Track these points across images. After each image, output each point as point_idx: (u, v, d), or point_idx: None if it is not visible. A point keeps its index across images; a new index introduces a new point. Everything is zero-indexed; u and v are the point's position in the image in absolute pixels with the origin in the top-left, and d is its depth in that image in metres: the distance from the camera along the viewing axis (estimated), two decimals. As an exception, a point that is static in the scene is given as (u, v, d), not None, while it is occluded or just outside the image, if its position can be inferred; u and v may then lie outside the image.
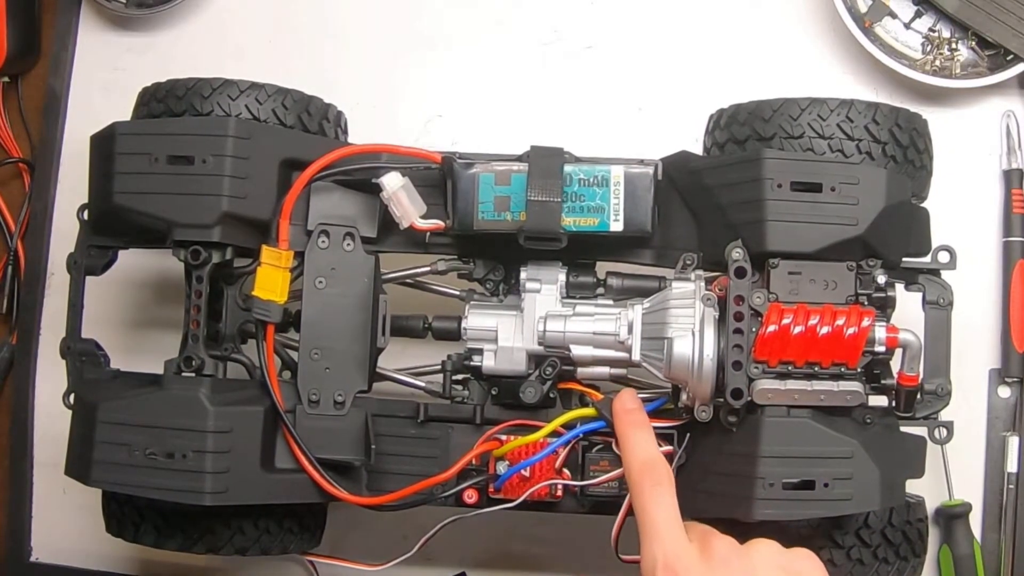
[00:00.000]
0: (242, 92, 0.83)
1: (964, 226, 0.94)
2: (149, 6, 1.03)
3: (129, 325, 1.02)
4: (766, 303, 0.74)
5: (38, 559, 1.02)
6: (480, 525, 0.81)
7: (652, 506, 0.64)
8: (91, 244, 0.86)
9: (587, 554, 0.93)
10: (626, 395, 0.74)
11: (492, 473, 0.78)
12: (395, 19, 1.04)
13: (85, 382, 0.85)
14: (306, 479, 0.79)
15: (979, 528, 0.94)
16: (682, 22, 1.02)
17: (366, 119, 0.97)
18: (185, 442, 0.76)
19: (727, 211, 0.77)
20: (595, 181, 0.79)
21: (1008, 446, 0.94)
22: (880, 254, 0.76)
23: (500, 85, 1.02)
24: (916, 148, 0.80)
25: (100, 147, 0.82)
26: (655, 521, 0.64)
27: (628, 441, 0.70)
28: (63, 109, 1.05)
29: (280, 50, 1.04)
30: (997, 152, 0.97)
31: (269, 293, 0.79)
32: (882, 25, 0.97)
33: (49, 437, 1.02)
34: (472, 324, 0.81)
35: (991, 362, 0.96)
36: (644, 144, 0.86)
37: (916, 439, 0.79)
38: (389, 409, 0.82)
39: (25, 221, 1.04)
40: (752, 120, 0.79)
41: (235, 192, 0.78)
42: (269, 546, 0.82)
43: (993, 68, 0.95)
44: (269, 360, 0.80)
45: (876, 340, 0.74)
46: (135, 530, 0.82)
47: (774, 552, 0.63)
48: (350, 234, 0.82)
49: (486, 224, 0.79)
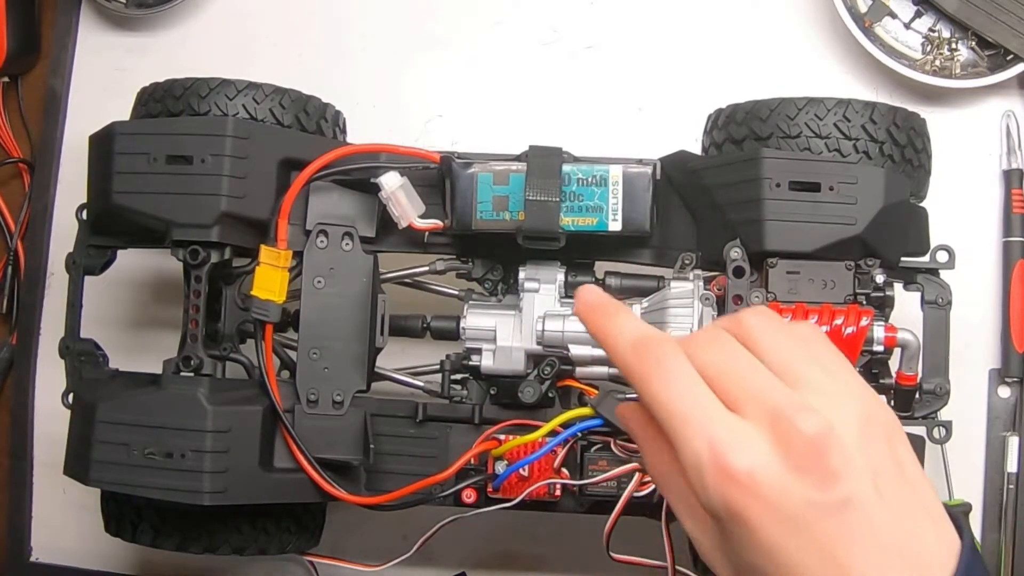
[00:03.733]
0: (239, 92, 0.83)
1: (964, 226, 0.94)
2: (149, 6, 1.03)
3: (128, 325, 1.02)
4: (764, 302, 0.74)
5: (38, 559, 1.02)
6: (479, 525, 0.81)
7: (668, 390, 0.48)
8: (90, 244, 0.86)
9: (586, 554, 0.93)
10: (584, 292, 0.55)
11: (491, 473, 0.78)
12: (395, 19, 1.04)
13: (84, 382, 0.85)
14: (305, 479, 0.79)
15: (979, 528, 0.94)
16: (682, 22, 1.01)
17: (366, 119, 0.97)
18: (184, 442, 0.76)
19: (725, 211, 0.77)
20: (594, 181, 0.79)
21: (1008, 446, 0.94)
22: (878, 253, 0.76)
23: (500, 85, 1.02)
24: (914, 147, 0.80)
25: (99, 147, 0.82)
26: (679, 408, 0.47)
27: (606, 333, 0.52)
28: (63, 109, 1.05)
29: (281, 50, 1.04)
30: (997, 152, 0.97)
31: (268, 293, 0.79)
32: (882, 25, 0.97)
33: (49, 437, 1.02)
34: (471, 324, 0.81)
35: (991, 362, 0.96)
36: (644, 144, 0.86)
37: (915, 439, 0.79)
38: (388, 409, 0.82)
39: (25, 221, 1.04)
40: (749, 120, 0.79)
41: (233, 192, 0.78)
42: (267, 546, 0.83)
43: (993, 68, 0.95)
44: (268, 360, 0.80)
45: (874, 339, 0.74)
46: (133, 530, 0.82)
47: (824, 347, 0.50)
48: (349, 234, 0.82)
49: (485, 224, 0.79)
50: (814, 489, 0.45)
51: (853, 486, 0.45)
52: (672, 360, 0.49)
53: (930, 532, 0.47)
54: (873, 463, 0.46)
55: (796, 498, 0.45)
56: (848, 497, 0.45)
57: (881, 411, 0.49)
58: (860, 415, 0.47)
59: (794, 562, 0.45)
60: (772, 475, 0.45)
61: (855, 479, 0.45)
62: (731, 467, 0.45)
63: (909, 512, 0.47)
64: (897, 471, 0.48)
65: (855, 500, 0.45)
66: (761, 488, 0.45)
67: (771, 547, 0.46)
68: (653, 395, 0.49)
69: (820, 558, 0.45)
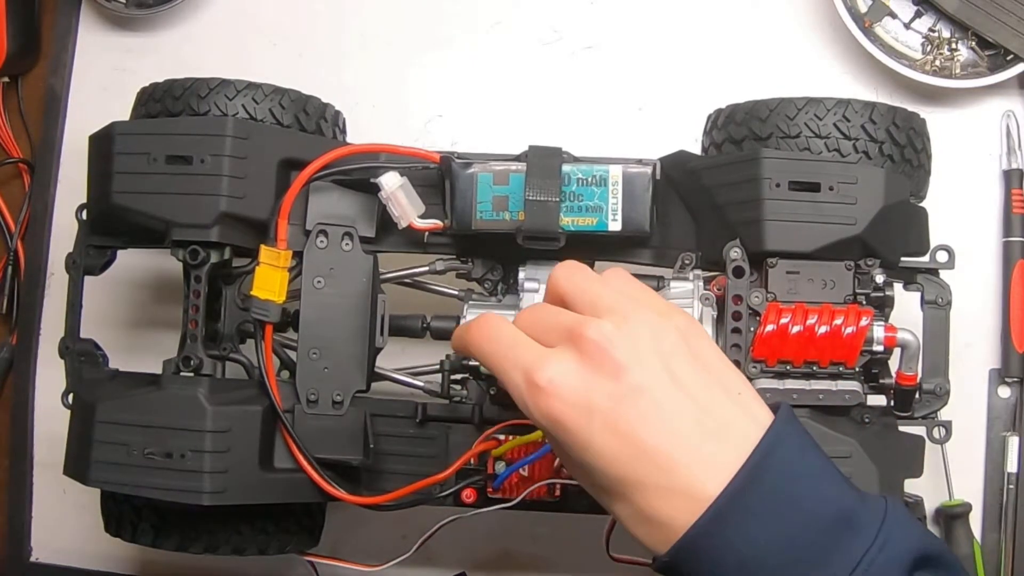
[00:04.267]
0: (239, 92, 0.83)
1: (964, 226, 0.94)
2: (149, 6, 1.03)
3: (128, 325, 1.02)
4: (764, 302, 0.74)
5: (38, 559, 1.02)
6: (479, 525, 0.81)
7: (491, 343, 0.58)
8: (90, 244, 0.86)
9: (586, 554, 0.93)
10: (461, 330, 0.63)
11: (491, 473, 0.78)
12: (395, 19, 1.04)
13: (84, 382, 0.85)
14: (305, 479, 0.79)
15: (979, 528, 0.94)
16: (682, 22, 1.01)
17: (366, 119, 0.97)
18: (183, 442, 0.76)
19: (725, 211, 0.77)
20: (593, 181, 0.79)
21: (1008, 446, 0.94)
22: (878, 253, 0.76)
23: (500, 85, 1.02)
24: (914, 147, 0.79)
25: (98, 147, 0.82)
26: (500, 353, 0.57)
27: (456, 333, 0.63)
28: (63, 109, 1.05)
29: (281, 50, 1.04)
30: (997, 152, 0.97)
31: (267, 293, 0.79)
32: (882, 25, 0.97)
33: (49, 437, 1.02)
34: (470, 324, 0.81)
35: (991, 362, 0.96)
36: (644, 144, 0.86)
37: (915, 439, 0.79)
38: (388, 409, 0.82)
39: (25, 221, 1.04)
40: (749, 120, 0.79)
41: (233, 192, 0.78)
42: (267, 546, 0.82)
43: (993, 68, 0.95)
44: (267, 360, 0.80)
45: (874, 339, 0.74)
46: (133, 530, 0.82)
47: (625, 281, 0.59)
48: (348, 234, 0.82)
49: (484, 224, 0.79)
50: (609, 381, 0.53)
51: (641, 375, 0.53)
52: (494, 322, 0.59)
53: (731, 409, 0.54)
54: (664, 353, 0.54)
55: (596, 393, 0.53)
56: (638, 384, 0.53)
57: (677, 317, 0.57)
58: (651, 321, 0.55)
59: (603, 448, 0.53)
60: (572, 378, 0.54)
61: (643, 367, 0.53)
62: (538, 381, 0.54)
63: (706, 392, 0.54)
64: (694, 361, 0.55)
65: (645, 386, 0.53)
66: (564, 391, 0.54)
67: (586, 440, 0.53)
68: (481, 353, 0.58)
69: (625, 441, 0.53)
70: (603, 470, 0.54)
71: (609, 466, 0.53)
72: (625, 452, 0.53)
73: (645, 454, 0.52)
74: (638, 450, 0.53)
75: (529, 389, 0.54)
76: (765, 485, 0.52)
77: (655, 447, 0.52)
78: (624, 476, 0.53)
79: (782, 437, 0.53)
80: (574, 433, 0.53)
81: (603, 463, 0.53)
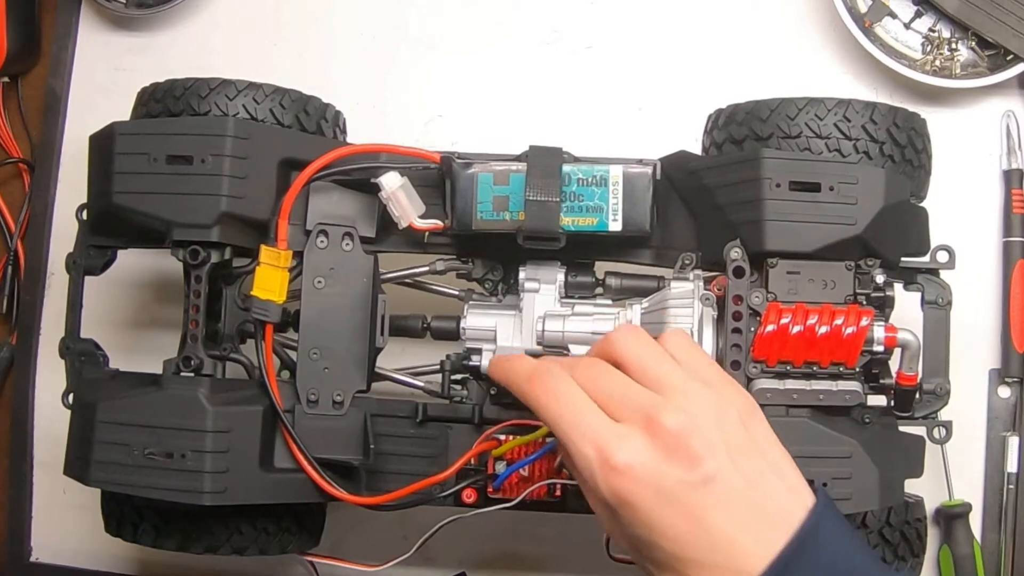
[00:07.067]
0: (239, 92, 0.83)
1: (964, 226, 0.94)
2: (149, 6, 1.03)
3: (128, 325, 1.02)
4: (764, 303, 0.74)
5: (38, 559, 1.02)
6: (479, 525, 0.81)
7: (558, 407, 0.59)
8: (90, 244, 0.85)
9: (587, 554, 0.93)
10: (491, 365, 0.70)
11: (491, 473, 0.78)
12: (395, 19, 1.04)
13: (84, 382, 0.85)
14: (305, 479, 0.79)
15: (979, 528, 0.94)
16: (682, 22, 1.01)
17: (366, 119, 0.96)
18: (184, 442, 0.76)
19: (725, 211, 0.77)
20: (594, 181, 0.79)
21: (1008, 446, 0.94)
22: (879, 254, 0.76)
23: (500, 85, 1.02)
24: (914, 147, 0.79)
25: (99, 147, 0.82)
26: (568, 420, 0.59)
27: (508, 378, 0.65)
28: (63, 109, 1.05)
29: (281, 50, 1.04)
30: (997, 152, 0.97)
31: (268, 293, 0.79)
32: (882, 25, 0.97)
33: (49, 437, 1.02)
34: (471, 324, 0.81)
35: (991, 362, 0.96)
36: (644, 144, 0.86)
37: (915, 439, 0.79)
38: (388, 409, 0.82)
39: (25, 221, 1.04)
40: (749, 120, 0.79)
41: (234, 192, 0.78)
42: (267, 546, 0.82)
43: (993, 68, 0.95)
44: (268, 360, 0.80)
45: (875, 340, 0.74)
46: (134, 530, 0.82)
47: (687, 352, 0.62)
48: (349, 234, 0.82)
49: (485, 224, 0.79)
50: (682, 470, 0.56)
51: (713, 464, 0.57)
52: (559, 382, 0.60)
53: (782, 491, 0.58)
54: (728, 442, 0.58)
55: (669, 479, 0.56)
56: (710, 474, 0.56)
57: (736, 397, 0.61)
58: (715, 403, 0.59)
59: (671, 530, 0.56)
60: (648, 464, 0.56)
61: (715, 458, 0.57)
62: (614, 461, 0.56)
63: (761, 477, 0.58)
64: (751, 445, 0.59)
65: (716, 475, 0.56)
66: (639, 475, 0.56)
67: (652, 521, 0.56)
68: (547, 413, 0.60)
69: (692, 524, 0.56)
70: (665, 548, 0.57)
71: (671, 545, 0.56)
72: (691, 534, 0.56)
73: (708, 536, 0.56)
74: (703, 532, 0.56)
75: (602, 467, 0.57)
76: (807, 562, 0.56)
77: (719, 531, 0.56)
78: (684, 555, 0.56)
79: (824, 517, 0.57)
80: (643, 513, 0.56)
81: (665, 542, 0.56)
